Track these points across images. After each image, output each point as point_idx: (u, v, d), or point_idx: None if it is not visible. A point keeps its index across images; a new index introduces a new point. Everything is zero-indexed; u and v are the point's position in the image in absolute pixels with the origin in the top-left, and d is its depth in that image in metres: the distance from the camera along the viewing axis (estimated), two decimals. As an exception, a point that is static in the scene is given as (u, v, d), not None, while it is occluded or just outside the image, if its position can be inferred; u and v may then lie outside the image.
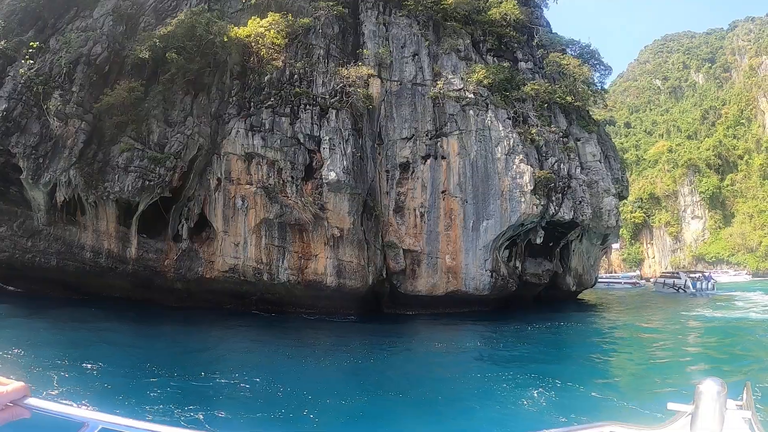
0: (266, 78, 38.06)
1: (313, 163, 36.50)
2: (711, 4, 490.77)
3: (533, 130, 39.77)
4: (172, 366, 19.65)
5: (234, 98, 38.37)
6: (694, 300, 52.39)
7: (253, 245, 36.98)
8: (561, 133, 42.08)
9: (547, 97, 41.99)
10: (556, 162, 40.19)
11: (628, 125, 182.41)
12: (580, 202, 40.40)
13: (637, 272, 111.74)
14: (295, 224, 36.56)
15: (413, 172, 38.74)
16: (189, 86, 38.02)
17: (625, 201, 79.38)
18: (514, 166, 37.92)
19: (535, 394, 15.79)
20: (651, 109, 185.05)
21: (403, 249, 38.05)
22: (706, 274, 71.09)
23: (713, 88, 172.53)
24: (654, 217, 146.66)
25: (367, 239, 37.41)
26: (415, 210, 38.39)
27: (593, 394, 16.37)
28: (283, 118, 36.89)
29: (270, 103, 37.33)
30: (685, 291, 63.03)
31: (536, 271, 42.36)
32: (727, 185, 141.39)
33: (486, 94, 39.48)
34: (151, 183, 35.61)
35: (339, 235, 36.15)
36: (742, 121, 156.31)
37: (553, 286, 45.20)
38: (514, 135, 38.57)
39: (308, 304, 38.04)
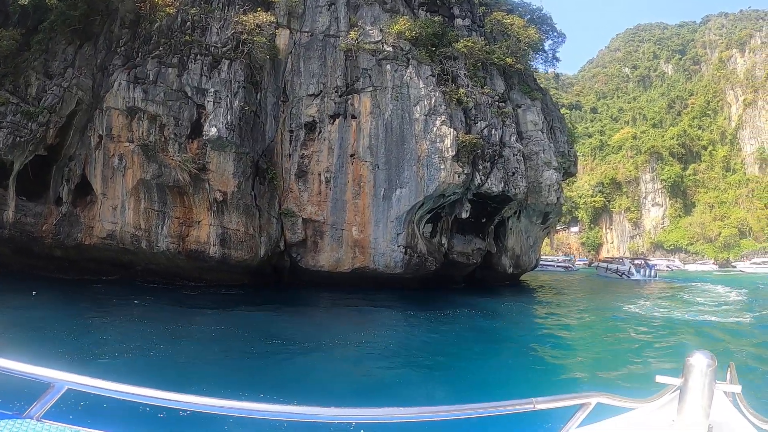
0: (156, 26, 31.11)
1: (202, 120, 29.19)
2: None
3: (461, 91, 31.78)
4: None
5: (122, 48, 31.80)
6: (636, 289, 44.21)
7: (131, 209, 30.30)
8: (497, 97, 34.08)
9: (483, 56, 33.99)
10: (486, 127, 32.18)
11: (594, 111, 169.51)
12: (513, 173, 32.45)
13: (570, 256, 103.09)
14: (174, 186, 29.46)
15: (320, 132, 31.06)
16: (74, 36, 31.66)
17: (573, 179, 72.07)
18: (435, 129, 30.03)
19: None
20: (618, 96, 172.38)
21: (303, 218, 30.42)
22: (648, 262, 68.96)
23: (682, 79, 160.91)
24: (614, 202, 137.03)
25: (259, 205, 29.99)
26: (320, 175, 30.71)
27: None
28: (170, 69, 30.14)
29: (157, 53, 30.72)
30: (628, 276, 59.76)
31: (464, 250, 34.34)
32: (690, 175, 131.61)
33: (408, 48, 31.61)
34: (23, 139, 29.49)
35: (222, 199, 28.82)
36: (708, 112, 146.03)
37: (487, 267, 37.17)
38: (437, 94, 30.64)
39: (195, 276, 31.13)
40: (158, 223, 30.04)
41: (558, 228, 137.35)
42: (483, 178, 31.08)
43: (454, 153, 29.67)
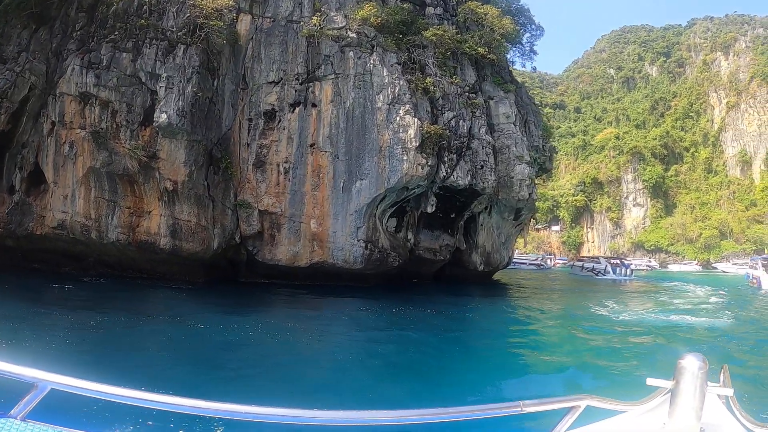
0: (112, 9, 29.18)
1: (155, 106, 26.81)
2: (671, 1, 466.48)
3: (428, 80, 29.65)
4: None
5: (78, 33, 29.85)
6: (611, 289, 41.96)
7: (81, 198, 28.31)
8: (467, 88, 31.97)
9: (454, 45, 31.88)
10: (454, 118, 30.07)
11: (578, 110, 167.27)
12: (482, 166, 30.37)
13: (542, 255, 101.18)
14: (124, 175, 27.40)
15: (279, 121, 28.92)
16: (30, 20, 29.89)
17: (550, 175, 70.50)
18: (398, 118, 27.93)
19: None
20: (603, 97, 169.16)
21: (260, 210, 28.30)
22: (624, 262, 67.45)
23: (666, 81, 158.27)
24: (596, 201, 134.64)
25: (212, 196, 27.91)
26: (278, 165, 28.58)
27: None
28: (124, 54, 28.03)
29: (113, 37, 28.65)
30: (604, 275, 57.87)
31: (431, 246, 32.25)
32: (671, 175, 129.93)
33: (373, 35, 29.51)
34: (-28, 124, 27.42)
35: (173, 188, 26.75)
36: (691, 114, 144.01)
37: (457, 264, 35.08)
38: (402, 82, 28.55)
39: (147, 268, 29.13)
40: (108, 213, 27.98)
41: (539, 227, 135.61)
42: (448, 170, 29.00)
43: (417, 144, 27.57)
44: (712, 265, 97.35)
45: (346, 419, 2.06)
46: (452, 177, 29.05)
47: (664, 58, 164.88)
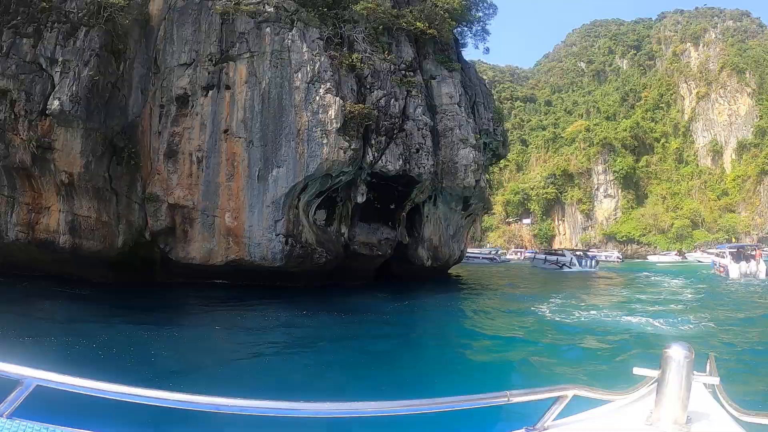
0: None
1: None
2: None
3: (355, 56, 25.90)
4: None
5: None
6: (575, 282, 37.24)
7: None
8: (404, 65, 28.18)
9: (389, 20, 28.08)
10: (384, 97, 26.25)
11: (549, 104, 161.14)
12: (417, 150, 26.58)
13: (496, 248, 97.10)
14: (21, 168, 23.43)
15: (192, 107, 25.09)
16: None
17: (505, 161, 67.12)
18: (318, 98, 24.16)
19: None
20: (573, 90, 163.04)
21: (170, 203, 24.50)
22: (589, 254, 62.63)
23: (636, 74, 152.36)
24: (567, 194, 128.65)
25: (116, 189, 24.15)
26: (191, 155, 24.81)
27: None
28: (25, 40, 24.20)
29: (15, 22, 24.65)
30: (570, 267, 53.58)
31: (369, 240, 28.39)
32: (642, 166, 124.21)
33: (294, 8, 25.71)
34: None
35: (68, 181, 22.99)
36: (661, 105, 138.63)
37: (404, 260, 31.32)
38: (323, 59, 24.76)
39: (54, 269, 25.06)
40: (7, 210, 24.12)
41: (510, 220, 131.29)
42: (376, 154, 25.16)
43: (339, 125, 23.77)
44: (685, 254, 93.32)
45: (332, 411, 1.94)
46: (381, 161, 25.22)
47: (635, 51, 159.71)
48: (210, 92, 25.03)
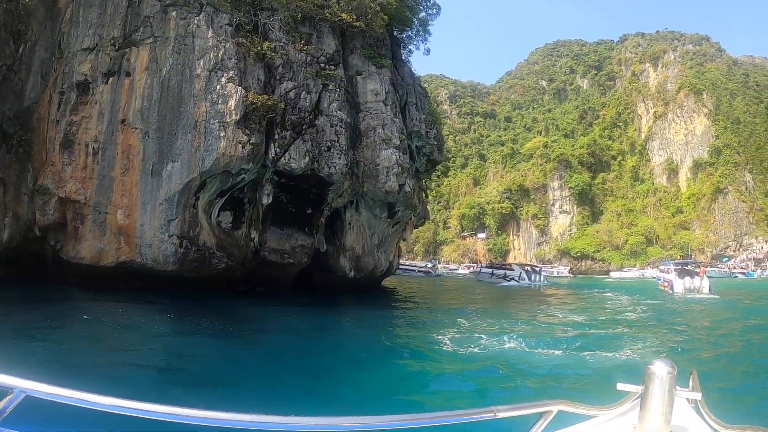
0: None
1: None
2: (605, 17, 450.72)
3: (266, 44, 23.34)
4: None
5: None
6: (519, 299, 33.74)
7: None
8: (324, 58, 25.60)
9: (311, 10, 25.54)
10: (294, 89, 23.64)
11: (508, 119, 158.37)
12: (329, 147, 23.97)
13: (433, 262, 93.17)
14: None
15: (92, 94, 22.31)
16: None
17: (444, 168, 64.51)
18: (219, 87, 21.57)
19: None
20: (534, 108, 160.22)
21: (61, 197, 21.71)
22: (537, 268, 59.28)
23: (596, 93, 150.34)
24: (522, 209, 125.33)
25: (3, 179, 21.27)
26: (87, 146, 22.07)
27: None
28: None
29: None
30: (518, 281, 50.64)
31: (281, 247, 25.53)
32: (598, 183, 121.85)
33: (205, -7, 23.03)
34: None
35: (-59, 169, 19.82)
36: (619, 123, 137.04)
37: (325, 270, 28.56)
38: (228, 45, 22.19)
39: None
40: None
41: (465, 234, 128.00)
42: (279, 150, 22.52)
43: (239, 117, 21.15)
44: (639, 271, 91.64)
45: (312, 426, 1.76)
46: (284, 159, 22.61)
47: (596, 72, 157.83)
48: (110, 79, 22.32)
